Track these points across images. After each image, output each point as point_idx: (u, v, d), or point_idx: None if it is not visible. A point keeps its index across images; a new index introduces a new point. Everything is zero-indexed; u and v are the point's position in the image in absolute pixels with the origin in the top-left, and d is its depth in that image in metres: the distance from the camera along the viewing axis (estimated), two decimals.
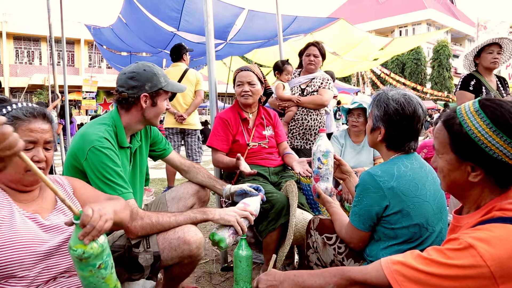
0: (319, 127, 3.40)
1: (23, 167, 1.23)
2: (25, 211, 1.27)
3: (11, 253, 1.16)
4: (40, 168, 1.24)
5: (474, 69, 3.12)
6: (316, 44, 3.46)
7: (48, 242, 1.25)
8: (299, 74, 3.56)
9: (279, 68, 3.50)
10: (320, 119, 3.44)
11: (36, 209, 1.31)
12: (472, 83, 3.02)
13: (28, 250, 1.19)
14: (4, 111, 1.26)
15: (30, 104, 1.33)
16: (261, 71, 2.55)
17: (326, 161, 1.79)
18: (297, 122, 3.38)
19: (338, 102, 7.17)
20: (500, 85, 3.12)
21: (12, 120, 1.24)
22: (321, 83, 3.39)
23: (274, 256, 1.53)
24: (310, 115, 3.38)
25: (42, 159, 1.29)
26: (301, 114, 3.38)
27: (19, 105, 1.30)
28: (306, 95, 3.40)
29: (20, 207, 1.27)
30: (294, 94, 3.43)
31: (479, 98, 1.09)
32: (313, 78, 3.43)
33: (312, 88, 3.39)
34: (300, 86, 3.47)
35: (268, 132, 2.60)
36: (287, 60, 3.70)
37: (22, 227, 1.22)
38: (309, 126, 3.38)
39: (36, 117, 1.29)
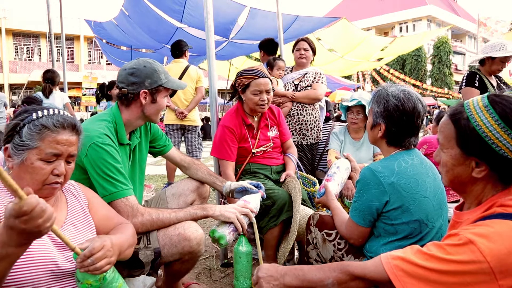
0: (315, 122, 3.42)
1: (41, 181, 1.20)
2: None
3: (26, 272, 1.12)
4: (57, 182, 1.23)
5: (476, 67, 3.19)
6: (305, 39, 3.48)
7: (62, 261, 1.20)
8: (291, 70, 3.56)
9: (271, 64, 3.50)
10: (315, 113, 3.44)
11: None
12: (477, 79, 3.14)
13: (43, 269, 1.15)
14: (34, 116, 1.20)
15: (61, 112, 1.26)
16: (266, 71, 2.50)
17: (342, 171, 2.08)
18: (293, 117, 3.38)
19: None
20: (500, 83, 3.22)
21: (40, 129, 1.19)
22: (314, 78, 3.39)
23: (257, 233, 1.59)
24: (306, 110, 3.38)
25: (62, 172, 1.23)
26: (297, 110, 3.38)
27: (50, 111, 1.23)
28: (300, 91, 3.40)
29: None
30: (288, 90, 3.43)
31: (487, 93, 1.08)
32: (306, 73, 3.43)
33: (305, 83, 3.39)
34: (293, 82, 3.46)
35: (272, 133, 2.56)
36: (279, 56, 3.68)
37: (37, 243, 1.16)
38: (305, 121, 3.38)
39: (66, 129, 1.23)
